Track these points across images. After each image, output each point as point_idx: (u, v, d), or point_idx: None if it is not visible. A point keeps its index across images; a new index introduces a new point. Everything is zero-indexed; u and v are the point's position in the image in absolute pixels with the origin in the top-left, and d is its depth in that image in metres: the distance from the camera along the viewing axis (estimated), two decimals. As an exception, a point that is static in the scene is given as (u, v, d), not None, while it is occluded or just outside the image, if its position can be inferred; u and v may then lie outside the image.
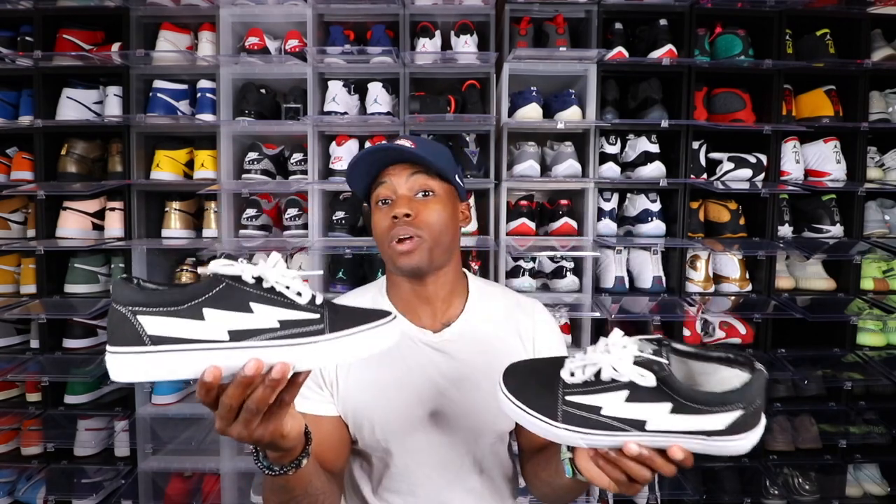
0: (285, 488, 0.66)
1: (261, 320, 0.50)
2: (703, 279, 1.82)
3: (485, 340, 0.89)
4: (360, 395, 0.84)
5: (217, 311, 0.49)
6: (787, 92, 1.89)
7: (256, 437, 0.53)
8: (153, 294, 0.48)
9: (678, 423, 0.52)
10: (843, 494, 1.89)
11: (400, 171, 0.83)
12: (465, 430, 0.86)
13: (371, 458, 0.88)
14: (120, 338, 0.48)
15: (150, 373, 0.48)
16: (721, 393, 0.52)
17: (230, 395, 0.50)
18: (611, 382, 0.54)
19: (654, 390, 0.52)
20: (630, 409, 0.53)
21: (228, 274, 0.50)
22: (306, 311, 0.52)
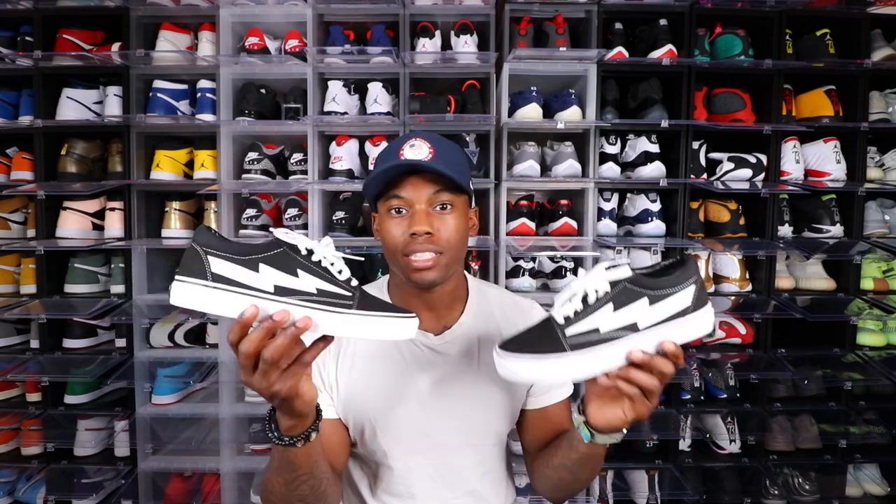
0: (292, 465, 0.67)
1: (303, 284, 0.58)
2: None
3: (484, 342, 0.89)
4: (360, 398, 0.84)
5: (270, 268, 0.57)
6: (787, 92, 1.89)
7: (275, 390, 0.57)
8: (225, 242, 0.58)
9: (658, 311, 0.61)
10: (843, 494, 1.89)
11: (420, 184, 0.79)
12: (465, 433, 0.86)
13: (370, 460, 0.87)
14: (189, 270, 0.56)
15: (204, 304, 0.56)
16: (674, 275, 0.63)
17: (252, 338, 0.55)
18: (595, 302, 0.62)
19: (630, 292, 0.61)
20: (620, 316, 0.61)
21: (287, 241, 0.59)
22: (342, 287, 0.60)
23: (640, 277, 0.62)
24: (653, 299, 0.61)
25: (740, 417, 1.89)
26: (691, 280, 0.63)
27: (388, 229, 0.81)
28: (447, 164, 0.78)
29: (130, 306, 1.76)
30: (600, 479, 1.87)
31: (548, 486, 0.88)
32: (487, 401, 0.87)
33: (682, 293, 0.62)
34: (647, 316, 0.61)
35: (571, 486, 0.84)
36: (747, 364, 1.83)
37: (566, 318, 0.63)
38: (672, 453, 1.85)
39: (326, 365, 0.85)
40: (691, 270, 0.63)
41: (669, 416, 1.82)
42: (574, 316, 0.62)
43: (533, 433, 0.91)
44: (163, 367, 1.82)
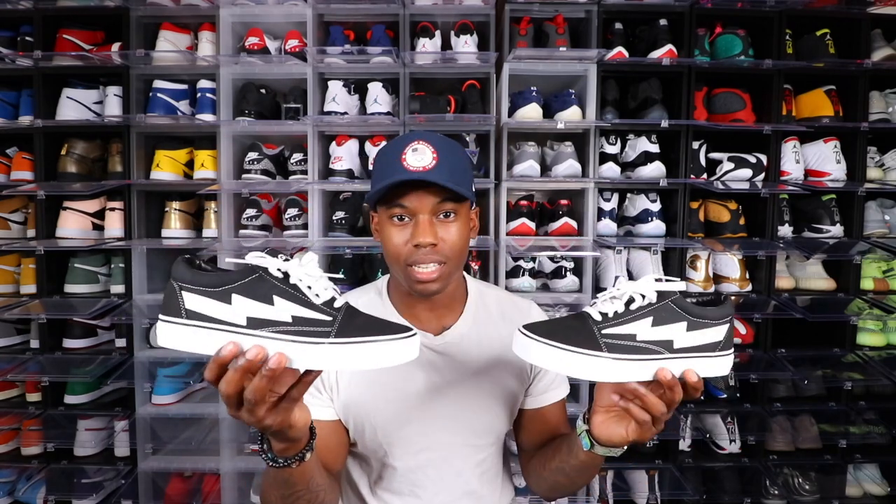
0: (288, 482, 0.66)
1: (278, 313, 0.54)
2: (703, 279, 1.82)
3: (483, 343, 0.89)
4: (360, 399, 0.84)
5: (243, 298, 0.54)
6: (787, 92, 1.89)
7: (264, 425, 0.55)
8: (198, 274, 0.55)
9: (694, 338, 0.61)
10: (843, 494, 1.89)
11: (424, 195, 0.76)
12: (464, 433, 0.86)
13: (370, 459, 0.87)
14: (168, 308, 0.55)
15: (181, 343, 0.54)
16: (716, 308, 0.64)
17: (227, 378, 0.52)
18: (637, 311, 0.61)
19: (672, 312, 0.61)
20: (658, 331, 0.61)
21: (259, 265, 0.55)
22: (319, 311, 0.55)
23: (683, 300, 0.62)
24: (691, 325, 0.61)
25: (740, 417, 1.89)
26: (727, 319, 0.64)
27: (389, 236, 0.79)
28: (451, 171, 0.76)
29: (130, 306, 1.76)
30: (600, 479, 1.87)
31: (543, 487, 0.88)
32: (487, 401, 0.87)
33: (718, 328, 0.63)
34: (684, 339, 0.61)
35: (567, 488, 0.85)
36: (747, 364, 1.83)
37: (604, 315, 0.62)
38: (672, 453, 1.85)
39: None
40: (729, 310, 0.64)
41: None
42: (613, 316, 0.61)
43: (529, 432, 0.92)
44: (163, 367, 1.82)
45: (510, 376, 0.89)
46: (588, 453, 0.70)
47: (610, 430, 0.67)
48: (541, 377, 0.91)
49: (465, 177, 0.80)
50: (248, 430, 1.89)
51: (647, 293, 0.61)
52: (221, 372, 0.53)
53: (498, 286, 1.54)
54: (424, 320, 0.88)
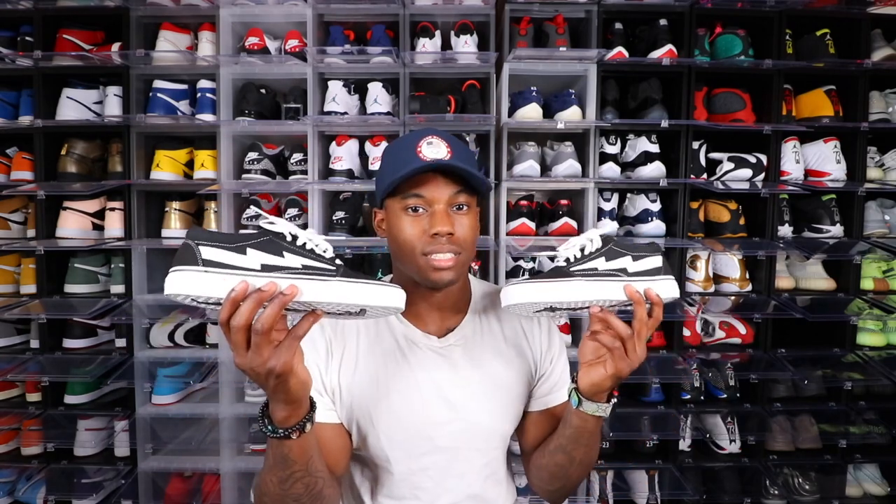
0: (287, 460, 0.66)
1: (289, 262, 0.62)
2: (703, 279, 1.82)
3: (488, 344, 0.88)
4: (363, 402, 0.84)
5: (257, 250, 0.61)
6: (787, 92, 1.89)
7: (270, 365, 0.57)
8: (214, 234, 0.61)
9: (640, 265, 0.75)
10: (843, 494, 1.89)
11: (441, 184, 0.78)
12: (468, 435, 0.85)
13: (373, 463, 0.87)
14: (182, 260, 0.59)
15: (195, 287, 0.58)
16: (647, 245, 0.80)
17: (242, 311, 0.56)
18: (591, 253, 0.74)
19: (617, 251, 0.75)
20: (612, 264, 0.74)
21: (272, 230, 0.63)
22: (326, 262, 0.64)
23: (622, 241, 0.78)
24: (634, 258, 0.76)
25: (740, 417, 1.89)
26: (658, 252, 0.79)
27: (402, 228, 0.79)
28: (466, 162, 0.78)
29: (130, 306, 1.76)
30: (600, 480, 1.87)
31: (545, 478, 0.87)
32: (491, 403, 0.86)
33: (654, 258, 0.77)
34: (633, 266, 0.75)
35: (567, 473, 0.83)
36: (747, 364, 1.84)
37: (567, 259, 0.74)
38: (672, 453, 1.85)
39: (329, 369, 0.84)
40: (656, 247, 0.80)
41: (669, 416, 1.82)
42: (574, 260, 0.74)
43: (533, 435, 0.91)
44: (163, 367, 1.82)
45: (515, 378, 0.88)
46: (578, 414, 0.75)
47: (592, 374, 0.73)
48: (546, 378, 0.90)
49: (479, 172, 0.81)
50: (248, 429, 1.89)
51: (593, 238, 0.75)
52: (233, 310, 0.56)
53: (500, 286, 1.54)
54: (429, 322, 0.87)
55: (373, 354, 0.86)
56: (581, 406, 0.74)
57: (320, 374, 0.84)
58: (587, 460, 0.82)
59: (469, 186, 0.80)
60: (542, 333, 0.92)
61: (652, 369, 1.77)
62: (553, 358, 0.92)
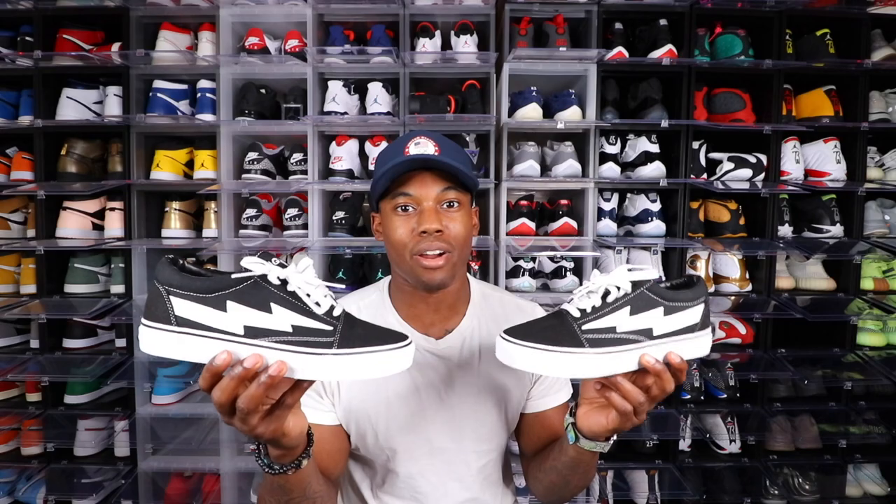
0: (284, 488, 0.66)
1: (276, 322, 0.53)
2: (703, 279, 1.82)
3: (487, 345, 0.88)
4: (362, 404, 0.84)
5: (239, 305, 0.52)
6: (787, 92, 1.89)
7: (257, 433, 0.54)
8: (187, 279, 0.52)
9: (671, 323, 0.62)
10: (843, 494, 1.89)
11: (428, 181, 0.78)
12: (467, 437, 0.85)
13: (373, 464, 0.87)
14: (152, 313, 0.52)
15: (170, 350, 0.52)
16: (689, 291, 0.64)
17: (221, 386, 0.51)
18: (614, 302, 0.61)
19: (648, 299, 0.62)
20: (636, 320, 0.61)
21: (257, 272, 0.53)
22: (321, 321, 0.54)
23: (657, 286, 0.63)
24: (668, 310, 0.62)
25: (740, 417, 1.89)
26: (702, 299, 0.65)
27: (393, 228, 0.79)
28: (454, 160, 0.77)
29: (130, 306, 1.76)
30: (600, 479, 1.87)
31: (540, 490, 0.87)
32: (489, 405, 0.86)
33: (694, 309, 0.63)
34: (662, 325, 0.62)
35: (562, 491, 0.83)
36: (747, 364, 1.83)
37: (582, 311, 0.62)
38: (672, 453, 1.85)
39: None
40: (702, 290, 0.65)
41: (669, 416, 1.82)
42: (591, 311, 0.61)
43: (530, 437, 0.91)
44: (163, 367, 1.82)
45: (512, 380, 0.88)
46: (574, 448, 0.70)
47: (592, 420, 0.67)
48: (541, 381, 0.90)
49: (468, 169, 0.81)
50: (248, 430, 1.89)
51: (621, 284, 0.62)
52: (215, 380, 0.52)
53: (499, 287, 1.54)
54: (427, 323, 0.87)
55: None
56: (579, 443, 0.69)
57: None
58: (583, 483, 0.81)
59: (459, 183, 0.79)
60: None
61: (652, 369, 1.77)
62: None
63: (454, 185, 0.79)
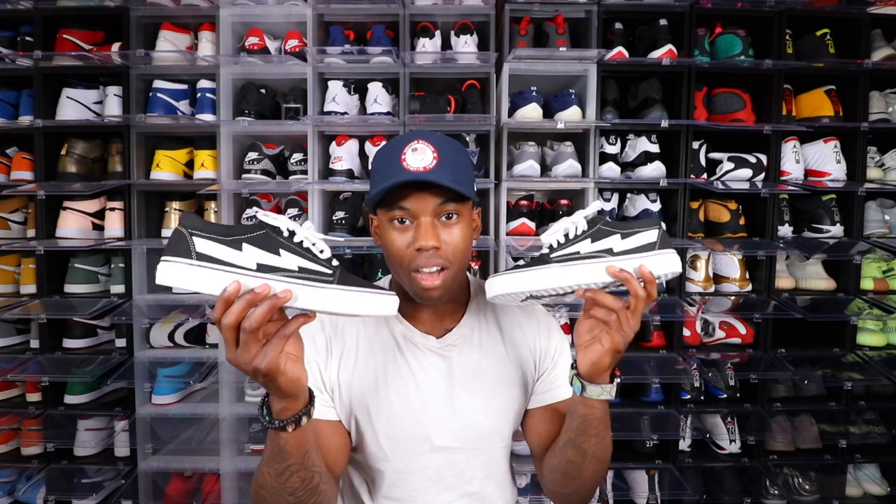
0: (283, 453, 0.66)
1: (285, 262, 0.61)
2: (703, 279, 1.82)
3: (487, 343, 0.88)
4: (361, 401, 0.84)
5: (253, 247, 0.60)
6: (787, 92, 1.89)
7: (256, 363, 0.58)
8: (209, 225, 0.60)
9: (629, 243, 0.71)
10: (843, 494, 1.89)
11: (425, 197, 0.75)
12: (467, 436, 0.85)
13: (371, 463, 0.86)
14: (174, 250, 0.58)
15: (188, 281, 0.57)
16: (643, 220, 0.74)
17: (233, 310, 0.56)
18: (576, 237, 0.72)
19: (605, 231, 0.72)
20: (597, 245, 0.71)
21: (270, 223, 0.62)
22: (322, 265, 0.63)
23: (611, 221, 0.74)
24: (624, 235, 0.72)
25: (740, 417, 1.89)
26: (655, 226, 0.73)
27: (390, 240, 0.78)
28: (453, 170, 0.74)
29: (130, 306, 1.76)
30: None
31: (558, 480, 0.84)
32: (490, 403, 0.86)
33: (649, 232, 0.72)
34: (620, 245, 0.71)
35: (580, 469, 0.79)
36: (747, 364, 1.83)
37: (550, 246, 0.73)
38: (672, 453, 1.85)
39: (328, 366, 0.84)
40: (655, 221, 0.75)
41: (669, 416, 1.82)
42: (557, 245, 0.72)
43: (539, 433, 0.89)
44: (163, 367, 1.82)
45: (514, 378, 0.88)
46: (583, 401, 0.73)
47: (589, 355, 0.71)
48: (546, 375, 0.90)
49: (467, 176, 0.79)
50: (248, 429, 1.89)
51: (577, 222, 0.73)
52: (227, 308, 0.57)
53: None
54: (427, 322, 0.87)
55: (372, 353, 0.86)
56: (585, 391, 0.72)
57: (319, 371, 0.84)
58: (600, 453, 0.78)
59: (458, 195, 0.76)
60: (541, 332, 0.91)
61: (652, 369, 1.77)
62: (553, 356, 0.91)
63: (452, 198, 0.76)
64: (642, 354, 1.84)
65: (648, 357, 1.82)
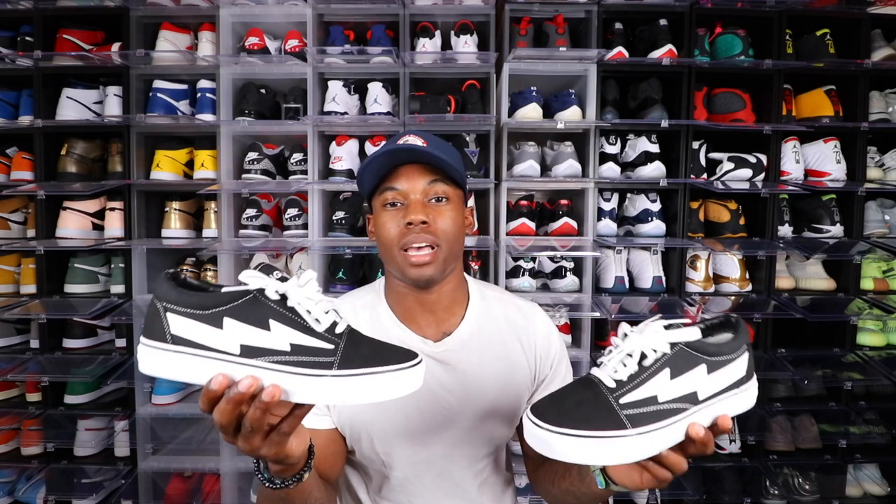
0: (285, 500, 0.65)
1: (274, 340, 0.50)
2: (703, 279, 1.82)
3: (486, 348, 0.86)
4: (358, 409, 0.82)
5: (236, 322, 0.49)
6: (787, 92, 1.89)
7: (261, 455, 0.54)
8: (185, 294, 0.50)
9: (716, 381, 0.55)
10: (843, 494, 1.88)
11: (415, 175, 0.78)
12: (464, 441, 0.84)
13: (369, 469, 0.86)
14: (150, 331, 0.50)
15: (165, 370, 0.50)
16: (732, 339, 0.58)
17: (220, 409, 0.50)
18: (652, 366, 0.54)
19: (688, 357, 0.54)
20: (678, 385, 0.54)
21: (254, 286, 0.51)
22: (321, 339, 0.51)
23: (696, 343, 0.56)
24: (711, 366, 0.55)
25: (740, 417, 1.88)
26: (745, 347, 0.58)
27: (382, 223, 0.79)
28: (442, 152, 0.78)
29: (130, 306, 1.76)
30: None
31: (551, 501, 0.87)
32: (486, 409, 0.85)
33: (739, 361, 0.57)
34: (706, 385, 0.55)
35: None
36: (747, 364, 1.83)
37: (618, 382, 0.55)
38: (672, 453, 1.85)
39: None
40: (744, 335, 0.58)
41: (669, 416, 1.82)
42: (628, 380, 0.54)
43: None
44: (163, 367, 1.82)
45: (513, 383, 0.86)
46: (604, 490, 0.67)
47: (623, 476, 0.63)
48: (548, 383, 0.88)
49: (457, 163, 0.81)
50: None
51: (658, 346, 0.55)
52: (214, 402, 0.50)
53: (499, 287, 1.54)
54: (424, 325, 0.86)
55: None
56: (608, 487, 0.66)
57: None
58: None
59: (447, 177, 0.79)
60: (539, 338, 0.89)
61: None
62: (553, 363, 0.89)
63: (442, 178, 0.79)
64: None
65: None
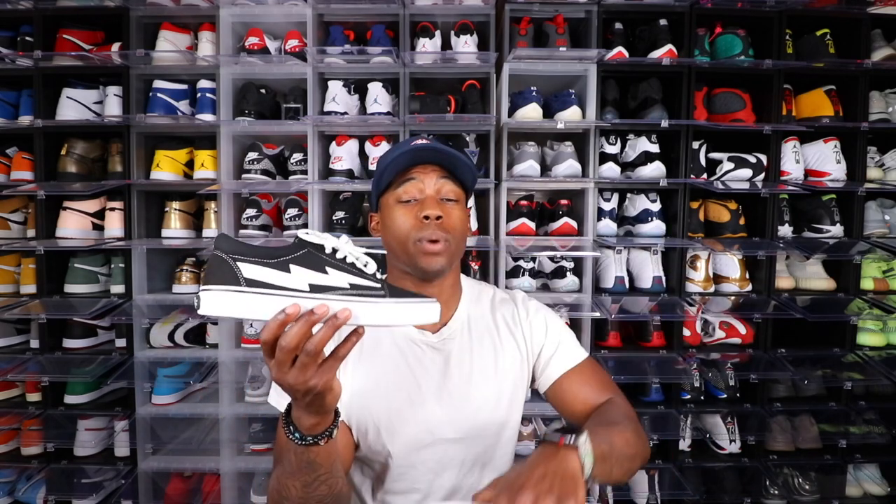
0: (313, 465, 0.65)
1: (335, 280, 0.60)
2: (703, 279, 1.82)
3: (480, 337, 0.92)
4: (362, 399, 0.85)
5: (301, 267, 0.59)
6: (787, 92, 1.89)
7: (312, 384, 0.57)
8: (249, 248, 0.59)
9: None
10: (843, 494, 1.89)
11: (430, 173, 0.85)
12: (465, 427, 0.87)
13: (373, 461, 0.88)
14: (218, 278, 0.56)
15: (239, 309, 0.56)
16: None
17: (293, 333, 0.55)
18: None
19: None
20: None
21: (313, 242, 0.62)
22: (371, 280, 0.63)
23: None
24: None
25: (740, 417, 1.89)
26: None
27: (396, 218, 0.85)
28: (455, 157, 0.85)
29: (130, 306, 1.76)
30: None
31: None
32: (486, 393, 0.89)
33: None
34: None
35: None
36: (747, 364, 1.83)
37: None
38: (672, 453, 1.85)
39: None
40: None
41: (669, 416, 1.82)
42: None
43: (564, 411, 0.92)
44: (163, 367, 1.82)
45: (511, 364, 0.92)
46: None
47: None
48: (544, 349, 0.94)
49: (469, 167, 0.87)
50: (248, 429, 1.89)
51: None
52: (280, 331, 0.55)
53: (491, 284, 1.55)
54: None
55: (371, 353, 0.88)
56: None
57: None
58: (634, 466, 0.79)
59: (456, 179, 0.86)
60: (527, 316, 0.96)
61: (652, 369, 1.77)
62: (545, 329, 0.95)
63: (452, 178, 0.86)
64: (642, 354, 1.84)
65: (648, 357, 1.82)
